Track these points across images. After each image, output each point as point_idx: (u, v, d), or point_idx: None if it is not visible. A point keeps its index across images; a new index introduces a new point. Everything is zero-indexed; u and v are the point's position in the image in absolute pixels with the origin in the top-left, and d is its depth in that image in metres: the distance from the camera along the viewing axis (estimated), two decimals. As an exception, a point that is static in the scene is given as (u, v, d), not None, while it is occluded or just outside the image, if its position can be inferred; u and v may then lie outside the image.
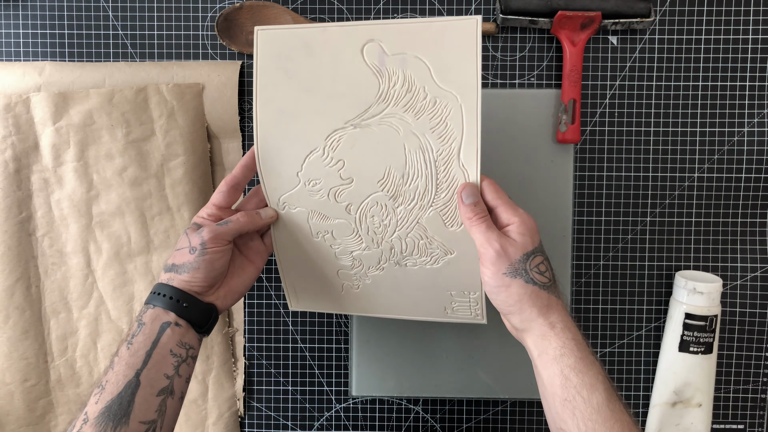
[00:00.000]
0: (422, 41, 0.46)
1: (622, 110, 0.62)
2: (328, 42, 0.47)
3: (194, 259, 0.46)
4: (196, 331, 0.47)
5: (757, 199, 0.62)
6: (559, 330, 0.44)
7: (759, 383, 0.63)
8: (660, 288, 0.63)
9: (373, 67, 0.47)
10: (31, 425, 0.63)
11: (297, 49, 0.47)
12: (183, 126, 0.60)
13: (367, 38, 0.46)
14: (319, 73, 0.47)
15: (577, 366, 0.42)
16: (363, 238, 0.50)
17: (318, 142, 0.48)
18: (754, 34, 0.61)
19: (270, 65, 0.48)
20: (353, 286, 0.53)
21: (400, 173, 0.48)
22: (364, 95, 0.47)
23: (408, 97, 0.46)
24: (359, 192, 0.49)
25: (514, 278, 0.44)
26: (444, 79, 0.46)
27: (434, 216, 0.48)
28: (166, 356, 0.44)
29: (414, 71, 0.46)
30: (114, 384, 0.42)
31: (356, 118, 0.48)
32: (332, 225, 0.50)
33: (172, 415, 0.44)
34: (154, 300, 0.46)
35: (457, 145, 0.46)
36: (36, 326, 0.62)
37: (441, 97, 0.46)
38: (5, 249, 0.61)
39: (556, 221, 0.60)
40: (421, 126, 0.47)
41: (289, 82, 0.48)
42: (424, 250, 0.49)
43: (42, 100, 0.59)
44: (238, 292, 0.51)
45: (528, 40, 0.61)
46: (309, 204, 0.50)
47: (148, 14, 0.62)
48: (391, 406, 0.65)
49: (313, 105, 0.48)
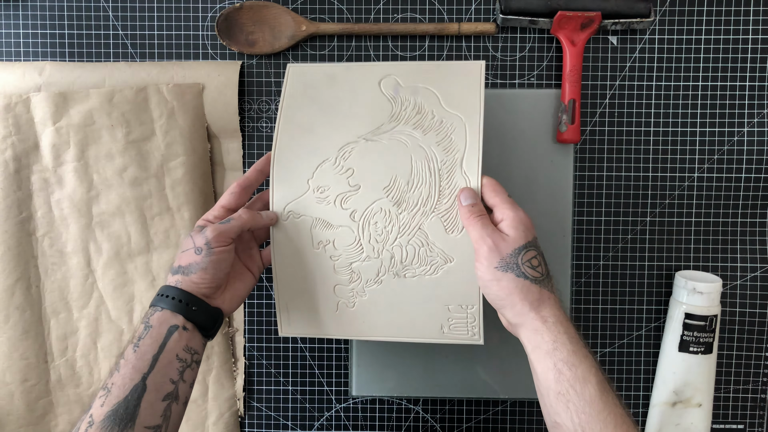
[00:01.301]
0: (433, 76, 0.52)
1: (622, 110, 0.62)
2: (349, 76, 0.54)
3: (201, 259, 0.47)
4: (201, 335, 0.47)
5: (757, 199, 0.62)
6: (551, 324, 0.44)
7: (759, 383, 0.63)
8: (660, 288, 0.63)
9: (389, 95, 0.53)
10: (31, 425, 0.63)
11: (321, 81, 0.54)
12: (183, 126, 0.60)
13: (384, 74, 0.53)
14: (339, 99, 0.53)
15: (569, 359, 0.43)
16: (364, 247, 0.51)
17: (331, 153, 0.52)
18: (754, 34, 0.61)
19: (296, 93, 0.54)
20: (349, 303, 0.53)
21: (405, 180, 0.50)
22: (378, 116, 0.52)
23: (417, 118, 0.52)
24: (365, 198, 0.51)
25: (506, 272, 0.45)
26: (450, 104, 0.51)
27: (436, 221, 0.50)
28: (173, 361, 0.44)
29: (424, 98, 0.52)
30: (120, 387, 0.42)
31: (369, 133, 0.52)
32: (335, 233, 0.51)
33: (176, 420, 0.44)
34: (162, 302, 0.46)
35: (460, 156, 0.50)
36: (36, 326, 0.62)
37: (447, 118, 0.51)
38: (5, 249, 0.61)
39: (556, 221, 0.60)
40: (427, 140, 0.51)
41: (311, 105, 0.53)
42: (425, 258, 0.50)
43: (42, 100, 0.59)
44: (240, 296, 0.51)
45: (528, 40, 0.62)
46: (314, 211, 0.52)
47: (148, 14, 0.62)
48: (391, 406, 0.65)
49: (331, 123, 0.53)
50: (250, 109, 0.63)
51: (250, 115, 0.63)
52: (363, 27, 0.61)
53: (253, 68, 0.62)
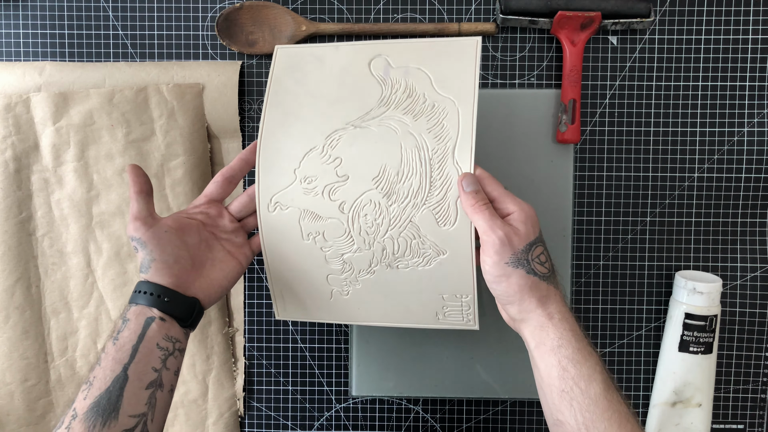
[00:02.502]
0: (426, 56, 0.49)
1: (622, 110, 0.62)
2: (339, 57, 0.51)
3: (143, 253, 0.47)
4: (180, 326, 0.46)
5: (757, 199, 0.62)
6: (557, 321, 0.44)
7: (759, 383, 0.63)
8: (660, 288, 0.63)
9: (378, 77, 0.50)
10: (31, 425, 0.63)
11: (310, 62, 0.51)
12: (183, 126, 0.60)
13: (375, 53, 0.50)
14: (327, 81, 0.50)
15: (574, 357, 0.42)
16: (355, 239, 0.49)
17: (318, 141, 0.49)
18: (754, 34, 0.61)
19: (283, 76, 0.51)
20: (343, 292, 0.52)
21: (395, 171, 0.48)
22: (367, 100, 0.49)
23: (408, 102, 0.48)
24: (354, 189, 0.49)
25: (516, 268, 0.44)
26: (443, 87, 0.48)
27: (427, 214, 0.48)
28: (153, 350, 0.44)
29: (416, 80, 0.49)
30: (102, 380, 0.42)
31: (357, 119, 0.49)
32: (324, 225, 0.50)
33: (162, 407, 0.44)
34: (137, 298, 0.46)
35: (452, 144, 0.47)
36: (36, 326, 0.62)
37: (439, 102, 0.48)
38: (5, 249, 0.61)
39: (556, 221, 0.60)
40: (418, 126, 0.48)
41: (297, 89, 0.51)
42: (417, 251, 0.49)
43: (42, 100, 0.59)
44: (221, 285, 0.50)
45: (528, 40, 0.62)
46: (302, 203, 0.50)
47: (148, 14, 0.62)
48: (391, 406, 0.65)
49: (318, 108, 0.50)
50: (250, 109, 0.63)
51: (250, 115, 0.63)
52: (363, 27, 0.61)
53: (253, 68, 0.62)
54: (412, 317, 0.52)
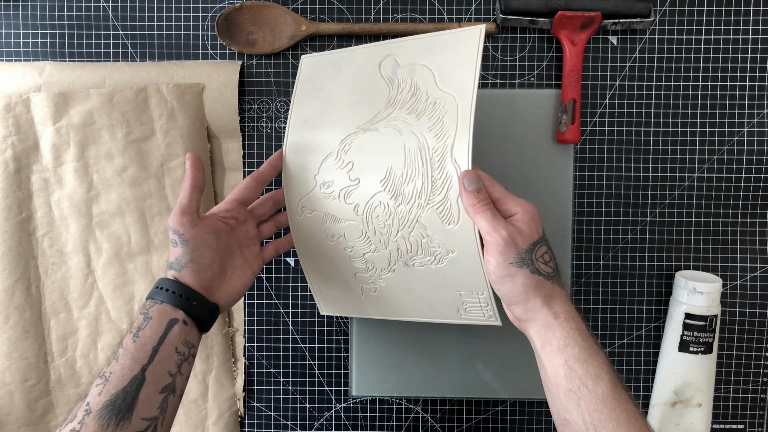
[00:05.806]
0: (431, 50, 0.49)
1: (622, 110, 0.62)
2: (353, 60, 0.52)
3: (181, 251, 0.47)
4: (198, 330, 0.47)
5: (757, 199, 0.62)
6: (563, 320, 0.43)
7: (759, 383, 0.63)
8: (660, 288, 0.63)
9: (386, 78, 0.51)
10: (31, 425, 0.63)
11: (328, 69, 0.53)
12: (183, 126, 0.60)
13: (385, 54, 0.51)
14: (342, 87, 0.52)
15: (581, 356, 0.42)
16: (371, 239, 0.51)
17: (333, 146, 0.52)
18: (754, 34, 0.61)
19: (306, 84, 0.54)
20: (371, 289, 0.54)
21: (399, 172, 0.48)
22: (377, 102, 0.51)
23: (412, 101, 0.49)
24: (365, 192, 0.50)
25: (521, 268, 0.43)
26: (445, 82, 0.48)
27: (432, 214, 0.48)
28: (172, 354, 0.44)
29: (420, 78, 0.49)
30: (119, 377, 0.42)
31: (367, 122, 0.50)
32: (344, 227, 0.52)
33: (172, 413, 0.44)
34: (160, 295, 0.45)
35: (450, 142, 0.47)
36: (36, 326, 0.62)
37: (441, 99, 0.48)
38: (5, 249, 0.61)
39: (556, 221, 0.60)
40: (420, 126, 0.48)
41: (317, 96, 0.53)
42: (427, 249, 0.49)
43: (42, 100, 0.59)
44: (238, 293, 0.51)
45: (528, 40, 0.61)
46: (323, 207, 0.52)
47: (148, 14, 0.62)
48: (391, 406, 0.65)
49: (334, 114, 0.52)
50: (250, 109, 0.63)
51: (250, 115, 0.63)
52: (363, 27, 0.61)
53: (253, 68, 0.62)
54: (435, 312, 0.53)
